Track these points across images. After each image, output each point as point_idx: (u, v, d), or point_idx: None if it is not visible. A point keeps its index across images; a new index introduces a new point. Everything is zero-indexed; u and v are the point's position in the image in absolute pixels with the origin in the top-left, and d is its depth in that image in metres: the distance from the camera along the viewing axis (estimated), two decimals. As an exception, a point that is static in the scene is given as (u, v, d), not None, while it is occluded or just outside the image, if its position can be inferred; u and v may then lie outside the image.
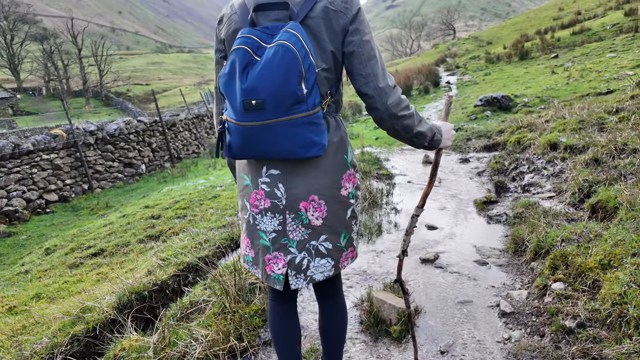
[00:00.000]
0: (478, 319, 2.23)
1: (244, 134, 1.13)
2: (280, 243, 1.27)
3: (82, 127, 10.22)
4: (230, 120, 1.16)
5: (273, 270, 1.29)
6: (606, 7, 21.43)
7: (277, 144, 1.13)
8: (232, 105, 1.13)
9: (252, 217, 1.29)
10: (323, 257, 1.29)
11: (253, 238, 1.31)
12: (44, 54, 47.19)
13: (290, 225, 1.25)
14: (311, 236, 1.26)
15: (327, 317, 1.50)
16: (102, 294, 2.66)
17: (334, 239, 1.29)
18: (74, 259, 4.04)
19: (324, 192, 1.25)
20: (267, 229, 1.27)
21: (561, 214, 3.10)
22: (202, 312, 2.38)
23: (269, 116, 1.09)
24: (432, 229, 3.55)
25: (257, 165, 1.26)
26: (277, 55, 1.04)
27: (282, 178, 1.23)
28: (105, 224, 5.48)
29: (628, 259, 2.04)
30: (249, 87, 1.07)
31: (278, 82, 1.05)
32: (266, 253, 1.29)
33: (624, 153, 3.57)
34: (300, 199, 1.23)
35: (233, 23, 1.22)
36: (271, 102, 1.07)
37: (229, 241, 3.40)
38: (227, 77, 1.12)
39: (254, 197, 1.27)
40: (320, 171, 1.24)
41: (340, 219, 1.30)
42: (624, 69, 8.98)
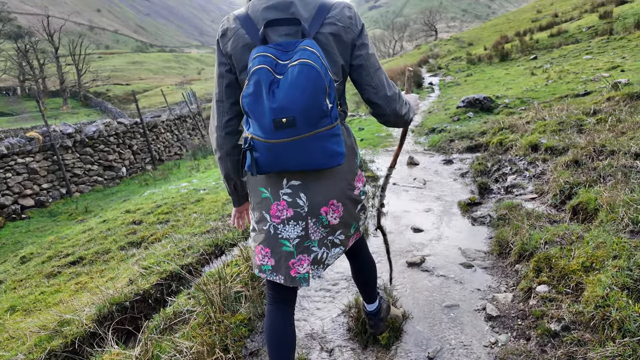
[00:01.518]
0: (465, 323, 2.23)
1: (273, 150, 1.17)
2: (304, 246, 1.37)
3: (60, 129, 9.91)
4: (257, 138, 1.18)
5: (298, 271, 1.39)
6: (582, 10, 22.05)
7: (306, 157, 1.19)
8: (260, 124, 1.15)
9: (272, 227, 1.36)
10: (337, 247, 1.46)
11: (274, 247, 1.38)
12: (19, 53, 45.71)
13: (312, 229, 1.36)
14: (328, 233, 1.41)
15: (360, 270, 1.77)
16: (81, 306, 2.56)
17: (346, 232, 1.46)
18: (51, 268, 3.89)
19: (341, 196, 1.38)
20: (290, 236, 1.35)
21: (544, 215, 3.15)
22: (186, 322, 2.32)
23: (300, 132, 1.14)
24: (417, 232, 3.56)
25: (277, 178, 1.32)
26: (302, 74, 1.09)
27: (304, 188, 1.32)
28: (84, 230, 5.32)
29: (609, 261, 2.08)
30: (280, 107, 1.11)
31: (308, 100, 1.10)
32: (290, 258, 1.37)
33: (602, 155, 3.65)
34: (322, 205, 1.35)
35: (240, 38, 1.24)
36: (301, 119, 1.12)
37: (213, 247, 3.34)
38: (253, 97, 1.14)
39: (275, 208, 1.34)
40: (337, 177, 1.36)
41: (352, 215, 1.45)
42: (599, 71, 9.23)
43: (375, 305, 1.92)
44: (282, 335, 1.48)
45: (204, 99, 42.65)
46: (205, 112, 21.38)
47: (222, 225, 3.99)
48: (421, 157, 6.24)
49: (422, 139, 7.55)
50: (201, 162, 11.33)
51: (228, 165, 1.42)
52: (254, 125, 1.18)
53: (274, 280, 1.42)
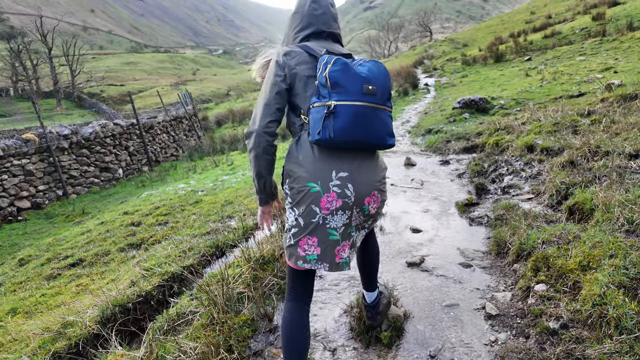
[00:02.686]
0: (465, 322, 2.27)
1: (358, 113, 1.41)
2: (347, 233, 1.55)
3: (56, 130, 9.86)
4: (344, 103, 1.40)
5: (342, 257, 1.56)
6: (575, 12, 22.27)
7: (376, 128, 1.45)
8: (350, 89, 1.41)
9: (321, 218, 1.50)
10: (364, 230, 1.66)
11: (322, 237, 1.52)
12: (11, 53, 45.26)
13: (355, 217, 1.54)
14: (365, 221, 1.60)
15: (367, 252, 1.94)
16: (84, 307, 2.57)
17: (375, 219, 1.67)
18: (50, 270, 3.88)
19: (379, 187, 1.59)
20: (337, 225, 1.51)
21: (540, 215, 3.20)
22: (189, 323, 2.34)
23: (378, 101, 1.44)
24: (416, 232, 3.60)
25: (327, 169, 1.48)
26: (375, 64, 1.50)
27: (351, 178, 1.49)
28: (82, 231, 5.31)
29: (606, 260, 2.12)
30: (367, 77, 1.44)
31: (384, 81, 1.48)
32: (336, 246, 1.53)
33: (597, 155, 3.71)
34: (366, 195, 1.53)
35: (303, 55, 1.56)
36: (380, 92, 1.45)
37: (213, 249, 3.35)
38: (340, 71, 1.42)
39: (325, 200, 1.48)
40: (376, 171, 1.57)
41: (382, 206, 1.67)
42: (593, 72, 9.35)
43: (374, 295, 2.02)
44: (300, 332, 1.58)
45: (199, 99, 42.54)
46: (201, 113, 21.33)
47: (221, 226, 4.01)
48: (418, 158, 6.28)
49: (418, 140, 7.60)
50: (198, 163, 11.31)
51: (262, 163, 1.54)
52: (341, 93, 1.41)
53: (317, 269, 1.56)
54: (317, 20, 1.66)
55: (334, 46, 1.64)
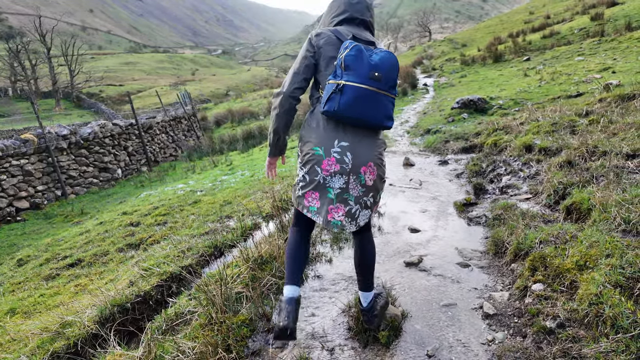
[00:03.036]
0: (463, 322, 2.28)
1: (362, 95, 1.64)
2: (342, 197, 1.77)
3: (55, 131, 9.85)
4: (352, 84, 1.64)
5: (334, 217, 1.78)
6: (573, 12, 22.30)
7: (375, 111, 1.68)
8: (359, 72, 1.65)
9: (322, 178, 1.77)
10: (367, 209, 1.84)
11: (322, 192, 1.78)
12: (10, 53, 45.18)
13: (352, 184, 1.76)
14: (364, 193, 1.79)
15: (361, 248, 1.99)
16: (82, 307, 2.58)
17: (375, 196, 1.85)
18: (49, 270, 3.88)
19: (376, 161, 1.80)
20: (335, 186, 1.76)
21: (538, 215, 3.21)
22: (187, 323, 2.35)
23: (382, 87, 1.66)
24: (414, 232, 3.61)
25: (330, 137, 1.74)
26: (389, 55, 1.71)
27: (351, 148, 1.74)
28: (81, 232, 5.31)
29: (603, 259, 2.13)
30: (376, 65, 1.66)
31: (391, 70, 1.69)
32: (330, 204, 1.78)
33: (594, 155, 3.72)
34: (362, 164, 1.75)
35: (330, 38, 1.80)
36: (385, 79, 1.67)
37: (212, 249, 3.36)
38: (354, 57, 1.66)
39: (326, 163, 1.75)
40: (374, 146, 1.80)
41: (381, 182, 1.86)
42: (591, 72, 9.36)
43: (370, 296, 2.07)
44: (298, 248, 1.94)
45: (198, 99, 42.52)
46: (200, 113, 21.32)
47: (220, 226, 4.01)
48: (417, 158, 6.29)
49: (417, 140, 7.61)
50: (197, 163, 11.31)
51: (282, 122, 1.84)
52: (350, 75, 1.66)
53: (315, 220, 1.84)
54: (352, 8, 1.88)
55: (363, 32, 1.87)
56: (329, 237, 3.47)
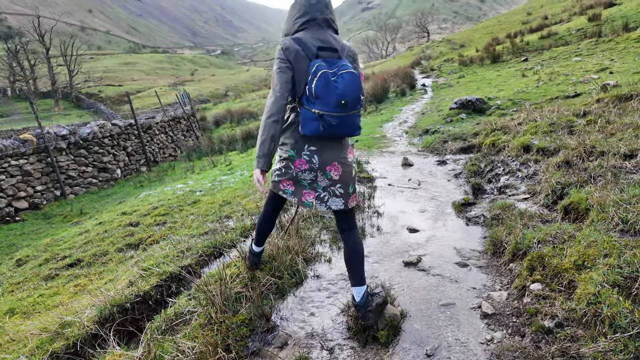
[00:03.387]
0: (461, 321, 2.29)
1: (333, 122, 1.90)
2: (314, 186, 2.11)
3: (54, 131, 9.84)
4: (325, 113, 1.89)
5: (307, 199, 2.14)
6: (571, 13, 22.37)
7: (348, 128, 1.96)
8: (327, 102, 1.87)
9: (295, 173, 2.09)
10: (337, 197, 2.13)
11: (295, 182, 2.13)
12: (9, 54, 45.09)
13: (320, 178, 2.09)
14: (331, 184, 2.11)
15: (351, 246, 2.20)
16: (82, 308, 2.58)
17: (345, 188, 2.13)
18: (48, 270, 3.88)
19: (340, 160, 2.09)
20: (306, 178, 2.09)
21: (536, 215, 3.22)
22: (187, 323, 2.35)
23: (349, 110, 1.90)
24: (413, 232, 3.62)
25: (302, 143, 2.04)
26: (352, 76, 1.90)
27: (318, 152, 2.05)
28: (80, 232, 5.30)
29: (601, 259, 2.14)
30: (342, 93, 1.86)
31: (355, 92, 1.89)
32: (304, 189, 2.13)
33: (592, 155, 3.74)
34: (327, 164, 2.06)
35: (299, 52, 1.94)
36: (351, 103, 1.89)
37: (211, 249, 3.36)
38: (323, 87, 1.86)
39: (298, 162, 2.06)
40: (338, 148, 2.09)
41: (348, 176, 2.14)
42: (589, 73, 9.40)
43: (362, 290, 2.18)
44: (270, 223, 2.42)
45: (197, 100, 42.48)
46: (199, 114, 21.31)
47: (220, 226, 4.01)
48: (415, 158, 6.31)
49: (415, 140, 7.63)
50: (196, 163, 11.30)
51: (277, 127, 1.98)
52: (320, 104, 1.88)
53: (290, 200, 2.19)
54: (312, 9, 2.01)
55: (326, 35, 2.02)
56: (329, 237, 3.48)
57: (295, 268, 2.81)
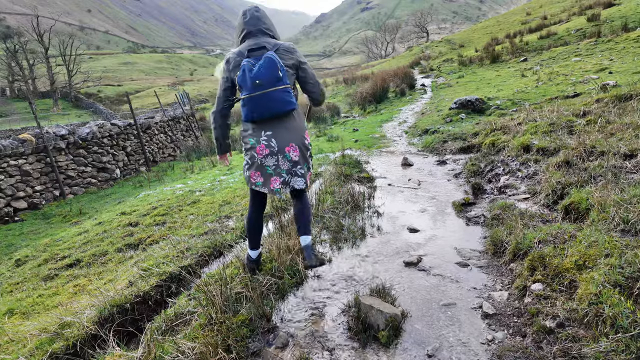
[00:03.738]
0: (462, 321, 2.28)
1: (254, 100, 2.22)
2: (277, 171, 2.39)
3: (53, 131, 9.81)
4: (246, 96, 2.23)
5: (274, 186, 2.40)
6: (570, 13, 22.38)
7: (276, 102, 2.23)
8: (246, 87, 2.21)
9: (259, 160, 2.37)
10: (299, 177, 2.45)
11: (262, 171, 2.40)
12: (8, 53, 45.02)
13: (281, 162, 2.38)
14: (293, 166, 2.41)
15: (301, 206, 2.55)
16: (81, 308, 2.57)
17: (303, 167, 2.45)
18: (47, 271, 3.86)
19: (297, 141, 2.39)
20: (269, 164, 2.37)
21: (536, 215, 3.22)
22: (187, 324, 2.34)
23: (267, 87, 2.20)
24: (413, 232, 3.61)
25: (258, 130, 2.34)
26: (267, 60, 2.23)
27: (274, 135, 2.34)
28: (79, 232, 5.29)
29: (602, 259, 2.14)
30: (255, 76, 2.19)
31: (269, 72, 2.20)
32: (270, 178, 2.40)
33: (592, 155, 3.74)
34: (285, 146, 2.35)
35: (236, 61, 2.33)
36: (266, 81, 2.20)
37: (211, 249, 3.35)
38: (241, 76, 2.23)
39: (259, 149, 2.35)
40: (293, 130, 2.38)
41: (305, 156, 2.47)
42: (588, 73, 9.40)
43: (309, 238, 2.56)
44: (257, 222, 2.60)
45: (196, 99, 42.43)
46: (198, 114, 21.28)
47: (219, 226, 4.00)
48: (415, 158, 6.30)
49: (415, 140, 7.63)
50: (196, 163, 11.29)
51: (219, 132, 2.49)
52: (243, 91, 2.24)
53: (262, 191, 2.44)
54: (248, 24, 2.42)
55: (260, 39, 2.37)
56: (329, 238, 3.47)
57: (296, 268, 2.80)
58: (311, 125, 12.42)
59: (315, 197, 4.31)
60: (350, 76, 26.08)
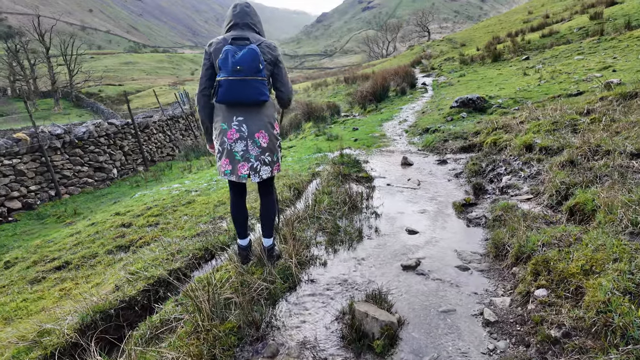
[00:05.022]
0: (462, 329, 2.16)
1: (232, 84, 2.27)
2: (246, 157, 2.44)
3: (48, 130, 9.70)
4: (223, 79, 2.28)
5: (242, 172, 2.46)
6: (572, 11, 22.19)
7: (250, 90, 2.31)
8: (226, 69, 2.27)
9: (229, 145, 2.43)
10: (266, 165, 2.51)
11: (231, 158, 2.44)
12: (9, 53, 44.96)
13: (250, 147, 2.44)
14: (261, 153, 2.47)
15: (265, 205, 2.70)
16: (64, 314, 2.45)
17: (272, 156, 2.53)
18: (35, 273, 3.75)
19: (266, 129, 2.48)
20: (238, 149, 2.43)
21: (540, 216, 3.10)
22: (173, 331, 2.23)
23: (246, 74, 2.27)
24: (412, 234, 3.49)
25: (230, 115, 2.41)
26: (251, 50, 2.29)
27: (245, 121, 2.42)
28: (72, 233, 5.18)
29: (610, 264, 2.02)
30: (237, 61, 2.26)
31: (251, 61, 2.27)
32: (238, 164, 2.45)
33: (597, 154, 3.61)
34: (255, 132, 2.44)
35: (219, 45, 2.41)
36: (247, 68, 2.26)
37: (203, 251, 3.24)
38: (223, 59, 2.28)
39: (230, 133, 2.41)
40: (264, 118, 2.47)
41: (274, 145, 2.54)
42: (591, 71, 9.25)
43: (270, 241, 2.77)
44: (241, 211, 2.69)
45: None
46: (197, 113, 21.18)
47: (212, 228, 3.89)
48: (415, 158, 6.18)
49: (416, 139, 7.50)
50: (194, 162, 11.18)
51: (204, 114, 2.55)
52: (222, 73, 2.29)
53: (231, 180, 2.50)
54: (235, 17, 2.50)
55: (244, 32, 2.45)
56: (324, 240, 3.35)
57: (289, 272, 2.69)
58: (310, 125, 12.30)
59: (312, 198, 4.19)
60: (350, 75, 25.93)
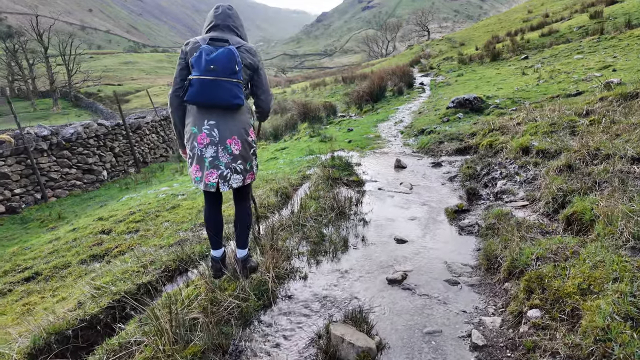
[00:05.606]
0: (448, 354, 1.97)
1: (203, 83, 2.13)
2: (215, 164, 2.28)
3: (34, 131, 9.49)
4: (195, 77, 2.14)
5: (210, 180, 2.30)
6: (572, 10, 21.99)
7: (223, 92, 2.16)
8: (199, 68, 2.14)
9: (199, 150, 2.28)
10: (238, 174, 2.35)
11: (201, 164, 2.29)
12: (7, 53, 44.70)
13: (221, 153, 2.28)
14: (232, 160, 2.31)
15: (239, 215, 2.56)
16: (18, 335, 2.26)
17: (244, 164, 2.37)
18: (2, 285, 3.55)
19: (240, 135, 2.32)
20: (207, 155, 2.27)
21: (535, 225, 2.91)
22: (132, 356, 2.04)
23: (219, 75, 2.13)
24: (401, 243, 3.30)
25: (201, 119, 2.26)
26: (227, 50, 2.18)
27: (217, 125, 2.26)
28: (51, 239, 4.98)
29: (609, 284, 1.83)
30: (211, 60, 2.14)
31: (226, 62, 2.15)
32: (206, 171, 2.29)
33: (597, 159, 3.42)
34: (227, 138, 2.28)
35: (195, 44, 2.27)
36: (221, 69, 2.13)
37: (177, 263, 3.04)
38: (197, 58, 2.16)
39: (200, 138, 2.26)
40: (237, 123, 2.32)
41: (247, 152, 2.38)
42: (591, 71, 9.06)
43: (244, 252, 2.62)
44: (215, 220, 2.52)
45: (195, 99, 42.04)
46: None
47: (192, 235, 3.70)
48: (409, 160, 5.99)
49: (411, 141, 7.30)
50: (186, 164, 10.99)
51: (175, 116, 2.41)
52: (195, 71, 2.16)
53: (199, 187, 2.33)
54: (217, 18, 2.40)
55: (224, 34, 2.36)
56: (307, 250, 3.16)
57: (264, 288, 2.50)
58: (306, 125, 12.10)
59: (298, 203, 4.00)
60: (349, 75, 25.70)
